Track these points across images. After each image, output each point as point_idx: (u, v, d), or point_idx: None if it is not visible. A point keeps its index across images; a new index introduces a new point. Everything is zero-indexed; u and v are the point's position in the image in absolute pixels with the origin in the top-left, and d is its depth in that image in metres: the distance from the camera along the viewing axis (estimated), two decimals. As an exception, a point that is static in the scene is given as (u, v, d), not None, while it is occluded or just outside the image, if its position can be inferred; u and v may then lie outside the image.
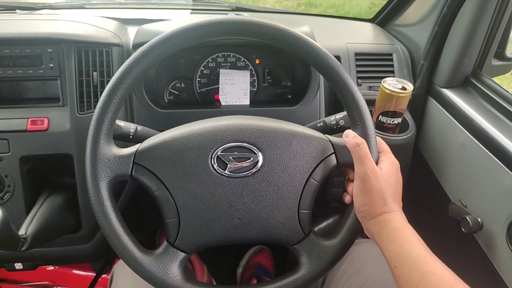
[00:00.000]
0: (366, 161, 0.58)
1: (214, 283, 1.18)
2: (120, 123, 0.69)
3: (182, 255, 0.60)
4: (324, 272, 0.62)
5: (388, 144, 0.86)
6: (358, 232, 0.62)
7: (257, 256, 1.26)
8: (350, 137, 0.60)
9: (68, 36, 0.83)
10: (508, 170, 0.72)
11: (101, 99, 0.58)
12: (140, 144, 0.61)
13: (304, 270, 0.62)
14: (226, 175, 0.59)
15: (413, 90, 0.85)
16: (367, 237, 1.22)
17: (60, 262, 1.04)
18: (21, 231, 0.71)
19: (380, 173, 0.58)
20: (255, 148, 0.60)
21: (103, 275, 1.26)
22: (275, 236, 0.62)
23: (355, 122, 0.62)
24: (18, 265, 0.90)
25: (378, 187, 0.57)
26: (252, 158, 0.60)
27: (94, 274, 1.26)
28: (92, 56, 0.84)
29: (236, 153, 0.60)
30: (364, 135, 0.61)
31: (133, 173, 0.59)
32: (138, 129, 0.70)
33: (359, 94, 0.61)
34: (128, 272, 0.61)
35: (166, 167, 0.59)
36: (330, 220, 1.26)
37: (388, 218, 0.57)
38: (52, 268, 1.30)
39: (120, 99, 0.59)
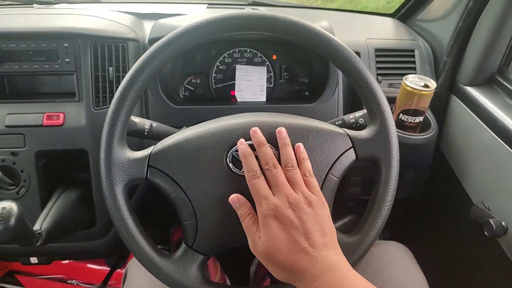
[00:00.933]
0: (249, 232, 0.52)
1: (227, 281, 1.18)
2: (135, 119, 0.68)
3: (201, 257, 0.59)
4: None
5: (409, 144, 0.85)
6: (380, 228, 0.59)
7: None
8: (235, 203, 0.54)
9: (84, 30, 0.83)
10: (536, 173, 0.69)
11: (113, 102, 0.58)
12: (154, 146, 0.60)
13: None
14: (243, 174, 0.58)
15: (436, 88, 0.82)
16: (386, 239, 1.19)
17: (75, 257, 1.04)
18: (36, 226, 0.71)
19: (260, 248, 0.50)
20: (271, 146, 0.58)
21: (118, 270, 1.27)
22: None
23: (373, 114, 0.60)
24: (33, 259, 0.91)
25: (265, 261, 0.51)
26: None
27: (109, 269, 1.27)
28: (108, 51, 0.83)
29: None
30: (383, 127, 0.59)
31: (148, 176, 0.58)
32: (153, 125, 0.69)
33: (377, 85, 0.59)
34: (142, 269, 0.60)
35: (181, 168, 0.58)
36: (346, 219, 1.25)
37: (305, 284, 0.47)
38: (67, 261, 1.31)
39: (133, 99, 0.58)
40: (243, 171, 0.57)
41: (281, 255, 0.48)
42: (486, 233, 0.74)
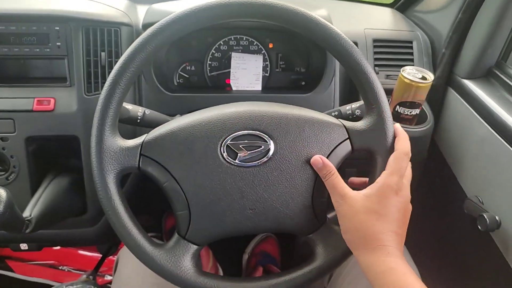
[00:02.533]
0: (335, 189, 0.55)
1: (220, 269, 1.18)
2: (128, 106, 0.66)
3: (194, 247, 0.59)
4: (341, 261, 0.60)
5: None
6: None
7: (263, 244, 1.25)
8: (319, 164, 0.57)
9: (75, 14, 0.80)
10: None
11: (104, 89, 0.56)
12: (146, 134, 0.59)
13: (320, 260, 0.60)
14: (237, 164, 0.57)
15: (433, 80, 0.81)
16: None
17: (66, 244, 1.04)
18: (26, 213, 0.70)
19: (355, 197, 0.53)
20: (266, 136, 0.57)
21: (109, 257, 1.27)
22: (289, 226, 0.60)
23: (370, 105, 0.59)
24: (23, 246, 0.90)
25: (350, 213, 0.53)
26: (263, 147, 0.57)
27: (100, 256, 1.26)
28: (100, 36, 0.81)
29: (246, 141, 0.57)
30: (380, 118, 0.58)
31: (140, 165, 0.57)
32: (146, 112, 0.68)
33: (375, 76, 0.58)
34: (134, 257, 0.59)
35: (174, 158, 0.57)
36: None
37: (372, 257, 0.50)
38: (58, 248, 1.30)
39: (125, 86, 0.56)
40: (237, 161, 0.57)
41: (376, 216, 0.51)
42: (479, 227, 0.75)
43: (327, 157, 0.59)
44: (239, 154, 0.57)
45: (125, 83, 0.56)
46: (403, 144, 0.57)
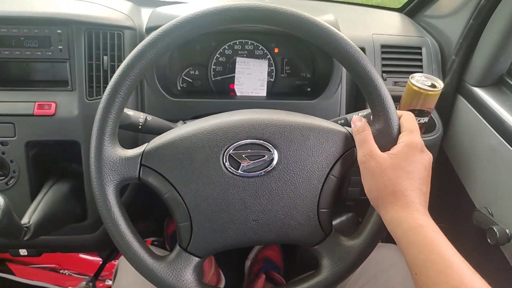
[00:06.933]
0: (364, 144, 0.54)
1: (222, 276, 1.16)
2: (129, 112, 0.65)
3: (195, 260, 0.57)
4: (347, 274, 0.58)
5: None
6: (382, 231, 0.58)
7: (266, 250, 1.23)
8: (356, 123, 0.57)
9: (78, 17, 0.79)
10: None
11: (104, 98, 0.55)
12: (147, 144, 0.57)
13: (326, 273, 0.58)
14: (239, 174, 0.55)
15: (443, 88, 0.79)
16: (383, 240, 1.17)
17: (65, 250, 1.03)
18: (24, 220, 0.69)
19: (382, 155, 0.53)
20: (270, 145, 0.56)
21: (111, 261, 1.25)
22: (293, 237, 0.58)
23: (378, 113, 0.57)
24: (23, 251, 0.89)
25: (378, 170, 0.51)
26: (266, 156, 0.56)
27: (101, 260, 1.25)
28: (103, 39, 0.80)
29: (249, 150, 0.56)
30: (388, 127, 0.56)
31: (140, 175, 0.56)
32: (148, 119, 0.67)
33: (382, 83, 0.56)
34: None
35: (175, 168, 0.55)
36: (343, 217, 1.23)
37: (402, 214, 0.49)
38: (59, 251, 1.29)
39: (125, 94, 0.55)
40: (240, 171, 0.55)
41: (402, 173, 0.51)
42: (489, 240, 0.72)
43: (332, 167, 0.58)
44: (241, 164, 0.56)
45: (125, 91, 0.55)
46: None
